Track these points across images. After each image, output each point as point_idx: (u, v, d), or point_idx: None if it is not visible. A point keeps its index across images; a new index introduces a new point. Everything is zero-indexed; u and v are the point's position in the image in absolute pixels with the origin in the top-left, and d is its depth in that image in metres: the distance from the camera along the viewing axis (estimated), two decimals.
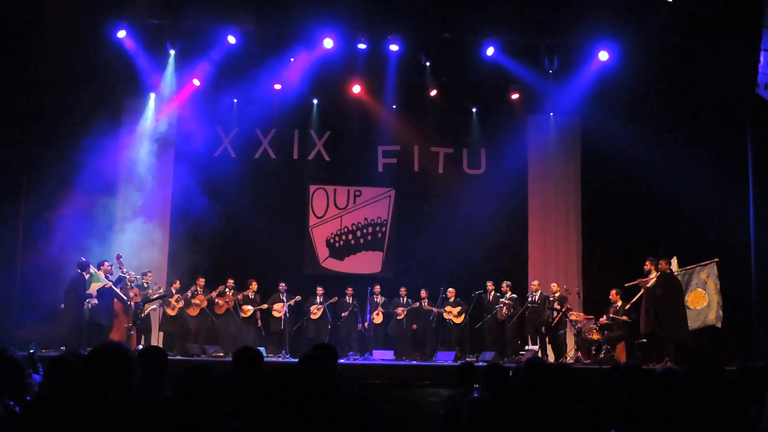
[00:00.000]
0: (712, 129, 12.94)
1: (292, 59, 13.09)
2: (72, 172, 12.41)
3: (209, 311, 12.64)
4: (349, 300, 13.23)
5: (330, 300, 13.03)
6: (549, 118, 14.66)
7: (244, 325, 12.69)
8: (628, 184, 13.90)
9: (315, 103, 14.59)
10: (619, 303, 11.85)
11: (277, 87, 13.72)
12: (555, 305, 12.14)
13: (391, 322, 13.14)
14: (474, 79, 13.79)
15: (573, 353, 12.06)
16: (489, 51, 12.88)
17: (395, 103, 14.45)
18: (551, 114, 14.60)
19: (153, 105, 13.71)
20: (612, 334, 11.65)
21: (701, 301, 12.11)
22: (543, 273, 13.93)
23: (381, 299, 13.32)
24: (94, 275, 11.51)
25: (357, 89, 14.06)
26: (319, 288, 13.21)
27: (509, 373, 4.68)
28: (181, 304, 12.43)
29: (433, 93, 14.09)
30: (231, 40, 12.62)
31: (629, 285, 11.77)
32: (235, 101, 14.14)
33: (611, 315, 11.83)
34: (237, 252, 14.08)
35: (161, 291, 12.41)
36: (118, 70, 12.92)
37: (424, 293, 13.16)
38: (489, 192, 14.41)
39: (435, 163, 14.88)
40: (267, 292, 13.13)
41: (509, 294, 12.70)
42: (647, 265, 11.47)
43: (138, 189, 13.30)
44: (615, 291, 11.98)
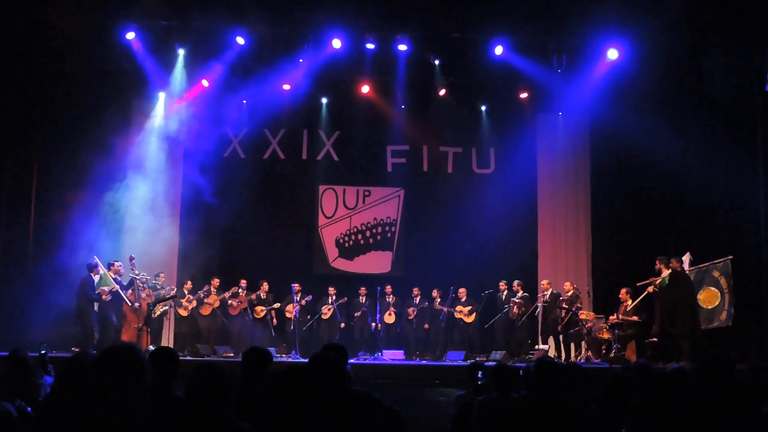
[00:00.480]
0: (722, 126, 12.85)
1: (300, 60, 13.10)
2: (82, 173, 12.52)
3: (220, 312, 12.69)
4: (363, 300, 13.26)
5: (340, 300, 13.06)
6: (558, 116, 14.61)
7: (255, 326, 12.72)
8: (637, 182, 13.85)
9: (324, 104, 14.61)
10: (629, 302, 11.81)
11: (286, 87, 13.71)
12: (563, 304, 12.12)
13: (402, 321, 13.16)
14: (483, 79, 13.73)
15: (583, 352, 12.02)
16: (498, 50, 12.81)
17: (404, 103, 14.43)
18: (560, 113, 14.55)
19: (162, 105, 13.75)
20: (622, 333, 11.61)
21: (714, 300, 11.96)
22: (553, 272, 13.89)
23: (393, 299, 13.34)
24: (103, 277, 11.53)
25: (366, 89, 14.05)
26: (331, 288, 13.23)
27: (519, 373, 4.67)
28: (194, 304, 12.48)
29: (442, 92, 14.05)
30: (240, 41, 12.64)
31: (641, 284, 11.71)
32: (244, 102, 14.13)
33: (621, 314, 11.79)
34: (246, 252, 14.07)
35: (174, 292, 12.45)
36: (127, 71, 12.99)
37: (435, 293, 13.17)
38: (498, 191, 14.41)
39: (444, 163, 14.87)
40: (277, 292, 13.16)
41: (520, 293, 12.69)
42: (657, 264, 11.43)
43: (148, 189, 13.33)
44: (625, 290, 11.93)
